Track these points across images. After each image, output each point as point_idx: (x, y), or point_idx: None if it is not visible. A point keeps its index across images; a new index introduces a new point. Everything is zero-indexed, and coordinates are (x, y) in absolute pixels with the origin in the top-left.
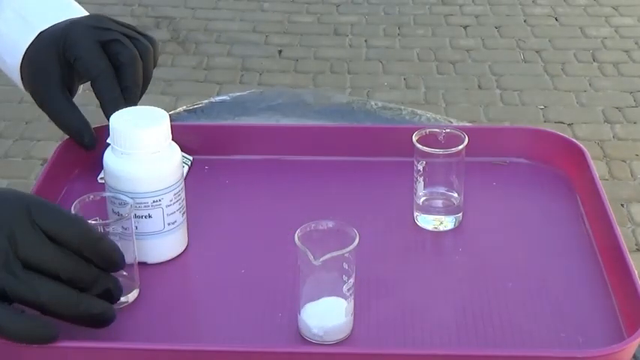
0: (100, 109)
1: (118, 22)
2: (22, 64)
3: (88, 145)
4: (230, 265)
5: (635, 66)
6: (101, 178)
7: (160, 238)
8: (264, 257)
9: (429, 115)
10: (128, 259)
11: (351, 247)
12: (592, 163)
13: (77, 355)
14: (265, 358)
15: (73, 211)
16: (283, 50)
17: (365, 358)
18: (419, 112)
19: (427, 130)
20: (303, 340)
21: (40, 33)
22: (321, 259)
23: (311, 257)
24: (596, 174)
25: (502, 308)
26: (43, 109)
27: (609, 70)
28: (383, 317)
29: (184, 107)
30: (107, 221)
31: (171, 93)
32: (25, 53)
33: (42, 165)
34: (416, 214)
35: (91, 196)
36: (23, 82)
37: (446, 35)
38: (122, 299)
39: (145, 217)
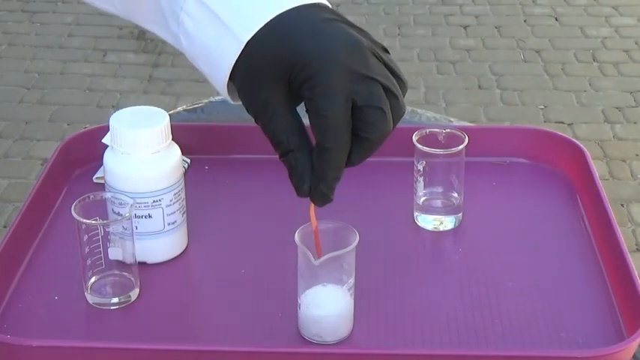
0: (101, 109)
1: (377, 56)
2: (230, 77)
3: (300, 194)
4: (230, 265)
5: (635, 66)
6: (97, 178)
7: (160, 238)
8: (264, 257)
9: (429, 115)
10: (128, 259)
11: (351, 247)
12: (592, 163)
13: (77, 355)
14: (265, 358)
15: (73, 212)
16: None
17: (365, 358)
18: (419, 111)
19: (427, 130)
20: (303, 340)
21: (247, 44)
22: (321, 260)
23: (311, 257)
24: (596, 174)
25: (502, 308)
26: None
27: (609, 70)
28: (383, 317)
29: (184, 107)
30: (107, 221)
31: (171, 93)
32: (234, 70)
33: (42, 165)
34: (416, 214)
35: (91, 196)
36: (231, 96)
37: (446, 35)
38: (122, 299)
39: (145, 217)
